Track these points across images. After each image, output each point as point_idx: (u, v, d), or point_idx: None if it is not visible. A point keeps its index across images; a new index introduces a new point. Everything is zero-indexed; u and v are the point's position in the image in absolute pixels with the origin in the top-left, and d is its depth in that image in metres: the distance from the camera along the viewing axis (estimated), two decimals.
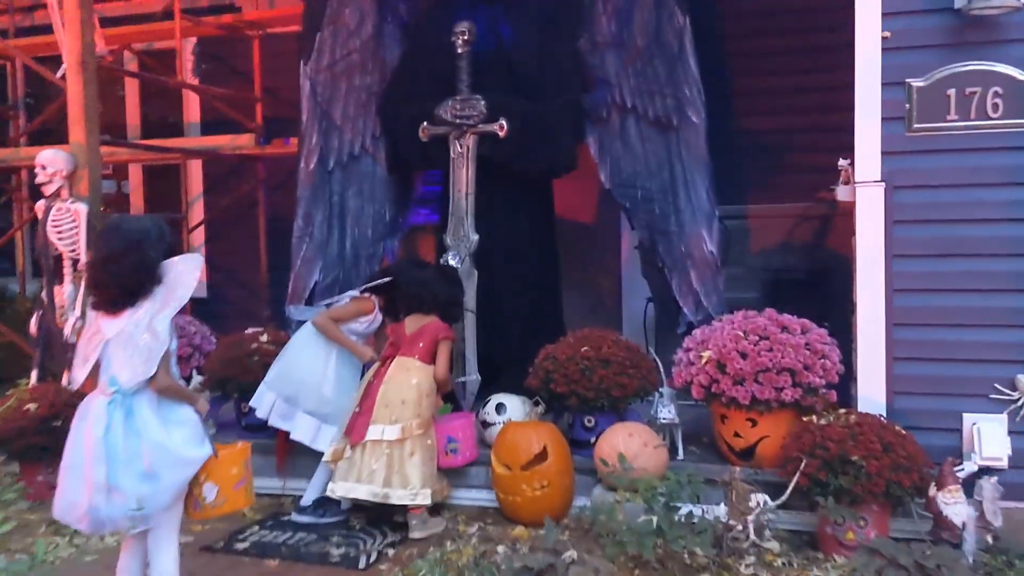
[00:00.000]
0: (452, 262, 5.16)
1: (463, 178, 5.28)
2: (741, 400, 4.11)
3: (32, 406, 4.83)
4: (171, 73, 7.52)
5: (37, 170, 5.55)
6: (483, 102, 5.20)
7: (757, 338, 4.19)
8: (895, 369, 4.20)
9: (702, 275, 5.08)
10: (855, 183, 4.23)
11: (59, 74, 5.69)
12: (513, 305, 5.40)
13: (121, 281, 3.01)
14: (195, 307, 6.36)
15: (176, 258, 3.12)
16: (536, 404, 4.75)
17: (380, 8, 5.74)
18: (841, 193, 4.49)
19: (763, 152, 6.26)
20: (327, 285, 5.70)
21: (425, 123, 5.33)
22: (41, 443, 4.70)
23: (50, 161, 5.49)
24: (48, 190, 5.52)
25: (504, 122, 5.17)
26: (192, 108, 8.27)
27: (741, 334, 4.22)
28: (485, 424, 4.81)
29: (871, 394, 4.19)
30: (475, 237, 5.24)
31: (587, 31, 5.39)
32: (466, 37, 5.28)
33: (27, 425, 4.75)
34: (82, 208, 5.44)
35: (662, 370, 4.69)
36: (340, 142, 5.78)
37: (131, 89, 8.54)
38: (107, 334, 3.03)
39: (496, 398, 4.86)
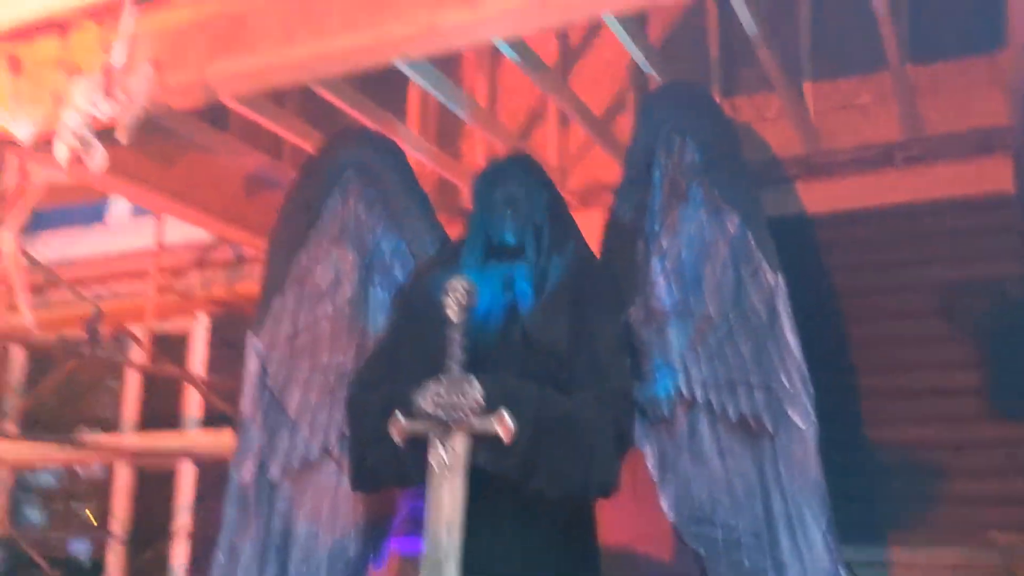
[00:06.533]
0: None
1: (445, 502, 3.40)
2: None
3: None
4: None
5: None
6: (477, 385, 3.40)
7: None
8: None
9: None
10: None
11: None
12: None
13: None
14: None
15: None
16: None
17: (365, 266, 4.29)
18: None
19: (908, 473, 4.37)
20: None
21: (398, 413, 3.55)
22: None
23: None
24: None
25: (507, 416, 3.36)
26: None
27: None
28: None
29: None
30: None
31: (639, 295, 3.80)
32: (461, 298, 3.65)
33: None
34: None
35: None
36: (292, 443, 4.07)
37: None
38: None
39: None
